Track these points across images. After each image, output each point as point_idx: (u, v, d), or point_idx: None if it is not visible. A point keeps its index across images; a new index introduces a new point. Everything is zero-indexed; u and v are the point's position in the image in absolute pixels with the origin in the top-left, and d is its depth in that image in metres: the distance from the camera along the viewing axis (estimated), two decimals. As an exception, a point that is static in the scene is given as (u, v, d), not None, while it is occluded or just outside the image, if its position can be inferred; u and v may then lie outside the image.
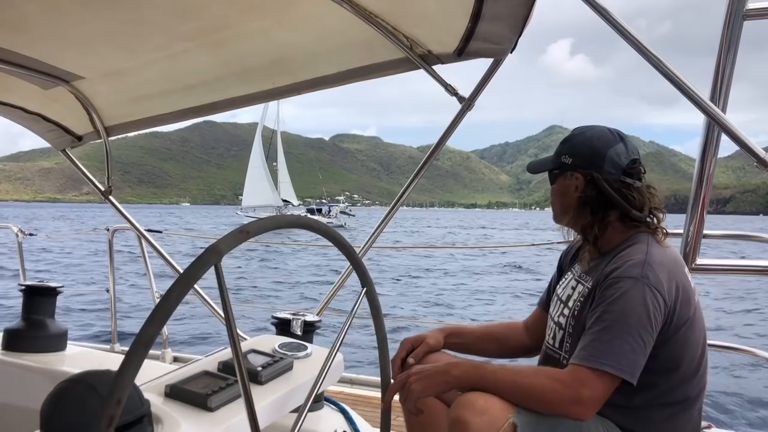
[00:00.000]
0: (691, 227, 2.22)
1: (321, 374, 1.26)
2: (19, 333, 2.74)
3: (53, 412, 1.05)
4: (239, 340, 1.00)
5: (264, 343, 1.76)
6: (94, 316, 10.94)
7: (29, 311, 2.82)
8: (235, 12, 2.17)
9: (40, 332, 2.75)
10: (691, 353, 1.61)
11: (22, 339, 2.72)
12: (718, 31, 2.00)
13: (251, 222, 0.97)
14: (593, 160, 1.73)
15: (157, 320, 0.82)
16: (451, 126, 2.67)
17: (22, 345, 2.71)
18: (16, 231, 4.77)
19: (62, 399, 1.06)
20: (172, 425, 1.18)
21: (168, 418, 1.20)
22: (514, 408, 1.49)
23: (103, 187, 3.60)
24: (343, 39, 2.38)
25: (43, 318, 2.80)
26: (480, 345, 2.04)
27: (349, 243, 1.28)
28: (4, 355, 2.69)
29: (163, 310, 0.83)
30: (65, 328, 2.85)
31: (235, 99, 2.88)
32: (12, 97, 3.08)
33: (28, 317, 2.80)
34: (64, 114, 3.27)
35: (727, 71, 2.02)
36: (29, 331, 2.75)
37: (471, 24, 2.08)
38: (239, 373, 1.01)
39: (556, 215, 1.88)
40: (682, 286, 1.60)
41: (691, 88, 1.85)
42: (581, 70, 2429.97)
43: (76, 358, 2.75)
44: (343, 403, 2.23)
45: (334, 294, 3.20)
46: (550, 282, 2.04)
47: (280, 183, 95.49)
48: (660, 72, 1.86)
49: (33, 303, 2.83)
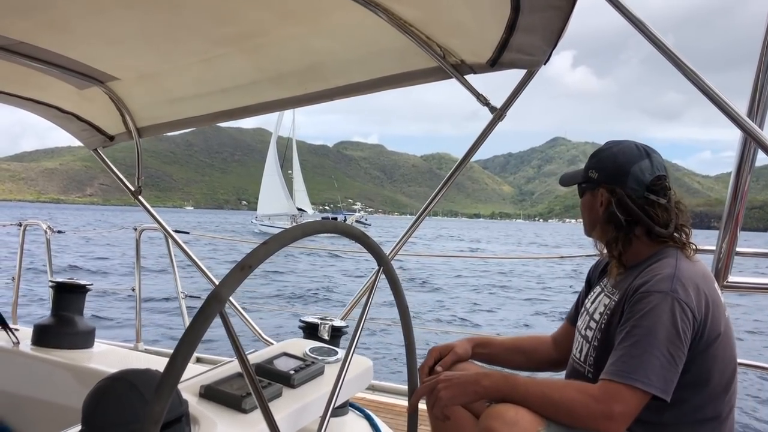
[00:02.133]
0: (724, 244, 2.19)
1: (340, 377, 1.26)
2: (49, 329, 2.79)
3: (95, 409, 1.07)
4: (258, 382, 1.01)
5: (295, 346, 1.77)
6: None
7: (59, 308, 2.86)
8: (272, 18, 2.19)
9: (69, 329, 2.80)
10: (721, 369, 1.59)
11: (51, 335, 2.76)
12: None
13: (250, 253, 0.96)
14: (617, 176, 1.73)
15: (164, 394, 0.83)
16: (482, 136, 2.67)
17: (52, 341, 2.75)
18: (45, 228, 4.81)
19: (104, 396, 1.08)
20: (209, 426, 1.19)
21: (204, 418, 1.22)
22: (544, 421, 1.49)
23: (134, 187, 3.66)
24: (376, 47, 2.39)
25: (72, 315, 2.85)
26: (507, 357, 2.04)
27: (359, 230, 1.26)
28: (33, 350, 2.74)
29: (170, 379, 0.83)
30: (93, 326, 2.90)
31: (268, 103, 2.90)
32: (48, 96, 3.13)
33: (57, 314, 2.85)
34: (98, 114, 3.32)
35: (766, 87, 2.00)
36: (58, 328, 2.79)
37: (506, 35, 2.07)
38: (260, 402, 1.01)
39: (586, 228, 1.89)
40: (712, 300, 1.58)
41: (727, 102, 1.82)
42: (583, 83, 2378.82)
43: (103, 355, 2.79)
44: (366, 409, 2.25)
45: (360, 298, 3.20)
46: (579, 296, 2.03)
47: (295, 191, 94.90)
48: (696, 86, 1.82)
49: (63, 300, 2.88)
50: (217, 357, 4.11)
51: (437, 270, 25.46)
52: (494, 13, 1.98)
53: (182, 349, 0.85)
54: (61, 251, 23.81)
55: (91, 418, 1.07)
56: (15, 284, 4.73)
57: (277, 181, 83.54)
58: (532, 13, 1.91)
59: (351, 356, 1.29)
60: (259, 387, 1.01)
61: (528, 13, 1.91)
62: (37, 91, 3.06)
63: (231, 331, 0.96)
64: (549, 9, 1.86)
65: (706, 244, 2.00)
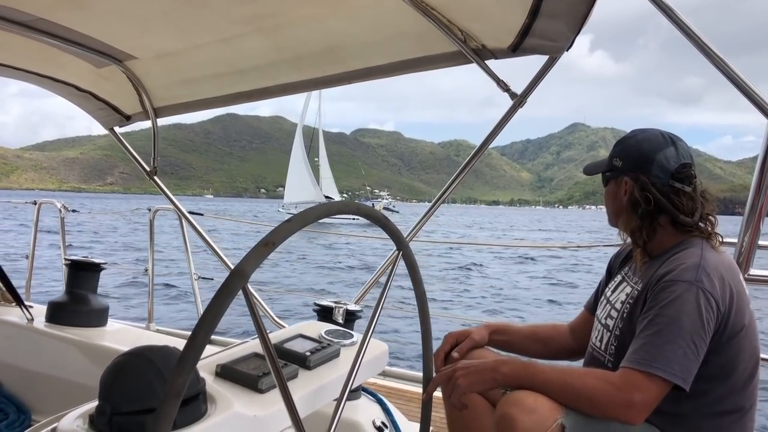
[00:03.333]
0: (746, 237, 2.16)
1: (358, 359, 1.26)
2: (63, 306, 2.81)
3: (113, 383, 1.07)
4: (277, 357, 1.00)
5: (311, 328, 1.76)
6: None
7: (73, 285, 2.88)
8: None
9: (83, 306, 2.82)
10: (744, 362, 1.57)
11: (65, 312, 2.79)
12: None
13: (273, 230, 0.95)
14: (642, 164, 1.71)
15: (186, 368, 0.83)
16: (502, 122, 2.64)
17: (65, 318, 2.77)
18: (60, 207, 4.83)
19: (122, 371, 1.08)
20: (225, 405, 1.19)
21: (221, 397, 1.22)
22: (563, 409, 1.48)
23: (149, 167, 3.65)
24: (396, 30, 2.37)
25: (86, 293, 2.87)
26: (524, 344, 2.03)
27: (380, 212, 1.26)
28: (47, 327, 2.75)
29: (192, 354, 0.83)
30: (107, 304, 2.92)
31: (286, 85, 2.88)
32: (66, 74, 3.13)
33: (71, 291, 2.87)
34: (115, 93, 3.32)
35: None
36: (72, 305, 2.82)
37: (528, 20, 2.04)
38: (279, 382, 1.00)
39: (610, 218, 1.87)
40: (737, 292, 1.56)
41: (753, 89, 1.79)
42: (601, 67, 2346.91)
43: (116, 334, 2.81)
44: (378, 394, 2.24)
45: (374, 283, 3.20)
46: (599, 285, 2.02)
47: (322, 179, 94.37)
48: (721, 71, 1.79)
49: (77, 278, 2.89)
50: (229, 339, 4.10)
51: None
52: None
53: (205, 322, 0.84)
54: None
55: (109, 392, 1.07)
56: (29, 262, 4.72)
57: (304, 169, 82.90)
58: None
59: (369, 339, 1.28)
60: (279, 368, 1.01)
61: None
62: (55, 69, 3.06)
63: (254, 309, 0.95)
64: None
65: (729, 235, 1.96)
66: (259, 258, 0.91)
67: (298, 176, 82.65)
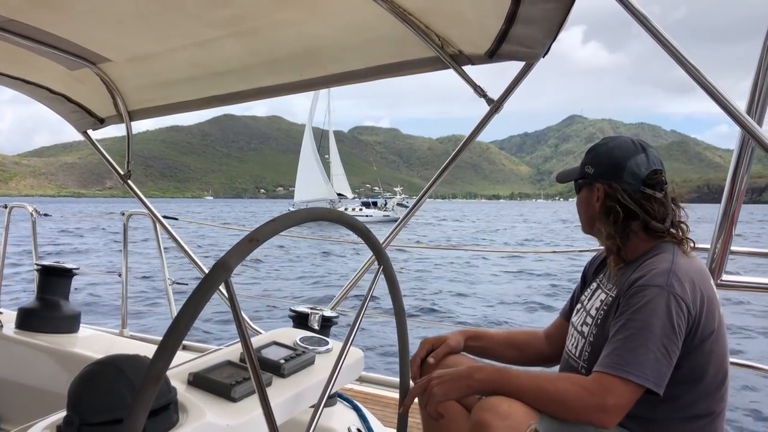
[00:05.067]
0: (719, 243, 2.18)
1: (336, 367, 1.25)
2: (33, 312, 2.75)
3: (81, 394, 1.04)
4: (257, 359, 0.99)
5: (285, 335, 1.75)
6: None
7: (44, 291, 2.82)
8: (268, 2, 2.16)
9: (54, 313, 2.76)
10: (715, 366, 1.58)
11: (36, 319, 2.73)
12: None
13: (258, 227, 0.95)
14: (613, 171, 1.73)
15: (166, 353, 0.81)
16: (479, 127, 2.65)
17: (36, 325, 2.71)
18: (31, 210, 4.74)
19: (91, 381, 1.05)
20: (197, 414, 1.17)
21: (193, 406, 1.19)
22: (537, 414, 1.48)
23: (123, 171, 3.60)
24: (374, 35, 2.37)
25: (57, 299, 2.81)
26: (500, 350, 2.04)
27: (363, 224, 1.25)
28: (17, 333, 2.70)
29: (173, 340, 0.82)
30: (78, 310, 2.86)
31: (262, 89, 2.87)
32: (38, 76, 3.08)
33: (42, 297, 2.81)
34: (88, 96, 3.28)
35: (765, 86, 1.98)
36: (43, 311, 2.76)
37: (505, 26, 2.05)
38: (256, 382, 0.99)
39: (582, 225, 1.89)
40: (708, 297, 1.58)
41: (728, 99, 1.80)
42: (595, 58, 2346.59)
43: (88, 340, 2.75)
44: (355, 400, 2.23)
45: (350, 288, 3.19)
46: (574, 292, 2.03)
47: (333, 176, 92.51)
48: (697, 82, 1.80)
49: (48, 283, 2.84)
50: (204, 345, 4.06)
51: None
52: (494, 4, 1.96)
53: (186, 312, 0.82)
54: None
55: (77, 403, 1.04)
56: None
57: (315, 166, 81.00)
58: (532, 5, 1.89)
59: (348, 349, 1.27)
60: (259, 372, 0.99)
61: (528, 4, 1.89)
62: (27, 71, 3.01)
63: (235, 305, 0.93)
64: (550, 1, 1.84)
65: (701, 242, 1.98)
66: (243, 253, 0.90)
67: (309, 174, 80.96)
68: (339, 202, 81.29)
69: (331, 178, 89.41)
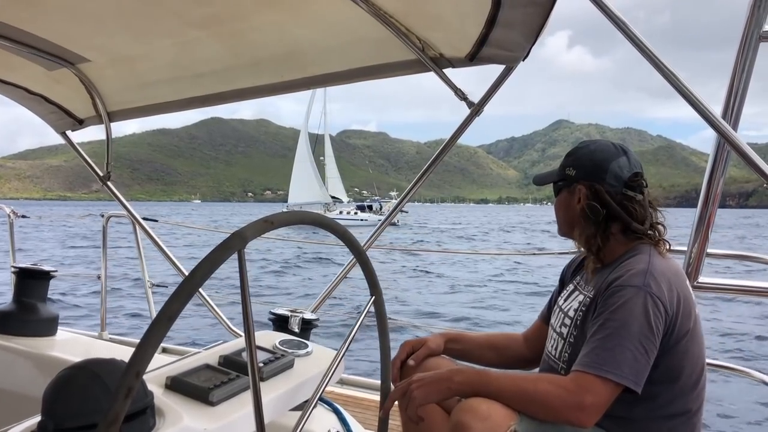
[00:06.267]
0: (696, 245, 2.21)
1: (326, 377, 1.24)
2: (10, 315, 2.70)
3: (56, 399, 1.03)
4: (254, 335, 0.98)
5: (264, 338, 1.74)
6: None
7: (21, 294, 2.78)
8: (250, 3, 2.16)
9: (31, 316, 2.72)
10: (691, 365, 1.61)
11: (12, 322, 2.68)
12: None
13: (275, 213, 0.97)
14: (596, 172, 1.75)
15: (182, 296, 0.81)
16: (459, 130, 2.66)
17: (12, 328, 2.67)
18: (9, 212, 4.70)
19: (65, 386, 1.04)
20: (174, 418, 1.16)
21: (170, 410, 1.19)
22: (517, 415, 1.49)
23: (102, 173, 3.57)
24: (355, 37, 2.37)
25: (35, 302, 2.77)
26: (479, 353, 2.05)
27: (363, 248, 1.26)
28: None
29: (189, 287, 0.81)
30: (56, 313, 2.82)
31: (244, 90, 2.86)
32: (15, 76, 3.04)
33: (19, 300, 2.76)
34: (67, 96, 3.24)
35: (740, 91, 2.00)
36: (20, 314, 2.71)
37: (485, 30, 2.07)
38: (251, 368, 0.99)
39: (560, 227, 1.90)
40: (684, 296, 1.61)
41: (703, 104, 1.83)
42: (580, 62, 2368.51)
43: (66, 343, 2.71)
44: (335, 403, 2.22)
45: (331, 292, 3.18)
46: (552, 295, 2.05)
47: (328, 179, 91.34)
48: (674, 87, 1.82)
49: (25, 286, 2.79)
50: (183, 348, 4.03)
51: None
52: (474, 8, 1.97)
53: (196, 275, 0.82)
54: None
55: (51, 408, 1.02)
56: None
57: (309, 168, 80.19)
58: (512, 8, 1.90)
59: (340, 359, 1.27)
60: (256, 365, 0.99)
61: (508, 8, 1.91)
62: (4, 71, 2.97)
63: (244, 279, 0.92)
64: (530, 5, 1.86)
65: (677, 245, 2.01)
66: (259, 230, 0.92)
67: (303, 176, 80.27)
68: (334, 205, 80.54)
69: (325, 181, 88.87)
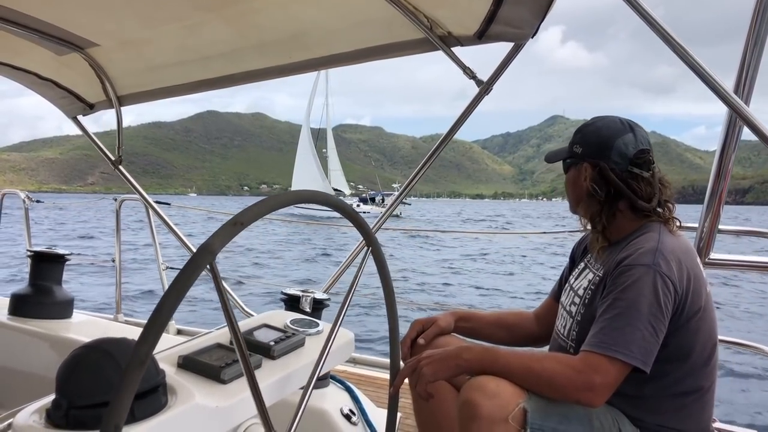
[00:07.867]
0: (707, 222, 2.20)
1: (325, 349, 1.26)
2: (26, 299, 2.75)
3: (69, 378, 1.05)
4: (243, 339, 1.00)
5: (276, 318, 1.76)
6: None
7: (36, 277, 2.83)
8: None
9: (46, 299, 2.76)
10: (702, 343, 1.60)
11: (28, 305, 2.73)
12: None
13: (243, 210, 0.96)
14: (601, 150, 1.74)
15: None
16: (468, 109, 2.64)
17: (29, 311, 2.72)
18: (24, 197, 4.76)
19: (78, 365, 1.06)
20: (186, 396, 1.18)
21: (182, 388, 1.20)
22: (525, 393, 1.49)
23: (114, 157, 3.59)
24: (362, 17, 2.35)
25: (50, 285, 2.82)
26: (490, 331, 2.05)
27: (350, 206, 1.26)
28: (10, 320, 2.70)
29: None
30: (72, 296, 2.87)
31: (251, 72, 2.85)
32: (26, 62, 3.06)
33: (35, 283, 2.81)
34: (77, 81, 3.26)
35: (752, 64, 1.98)
36: (36, 297, 2.76)
37: (493, 7, 2.05)
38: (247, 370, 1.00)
39: (570, 204, 1.90)
40: (694, 275, 1.60)
41: (715, 79, 1.81)
42: (574, 58, 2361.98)
43: (81, 326, 2.76)
44: (347, 381, 2.24)
45: (343, 272, 3.19)
46: (563, 272, 2.05)
47: (330, 171, 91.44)
48: (684, 61, 1.81)
49: (41, 269, 2.84)
50: (196, 329, 4.06)
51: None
52: None
53: (171, 295, 0.82)
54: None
55: (65, 386, 1.04)
56: None
57: (311, 161, 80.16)
58: None
59: (336, 331, 1.28)
60: (246, 353, 1.00)
61: None
62: (15, 57, 3.00)
63: (221, 288, 0.93)
64: None
65: (689, 221, 2.00)
66: (227, 236, 0.90)
67: (306, 169, 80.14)
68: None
69: (328, 174, 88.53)
